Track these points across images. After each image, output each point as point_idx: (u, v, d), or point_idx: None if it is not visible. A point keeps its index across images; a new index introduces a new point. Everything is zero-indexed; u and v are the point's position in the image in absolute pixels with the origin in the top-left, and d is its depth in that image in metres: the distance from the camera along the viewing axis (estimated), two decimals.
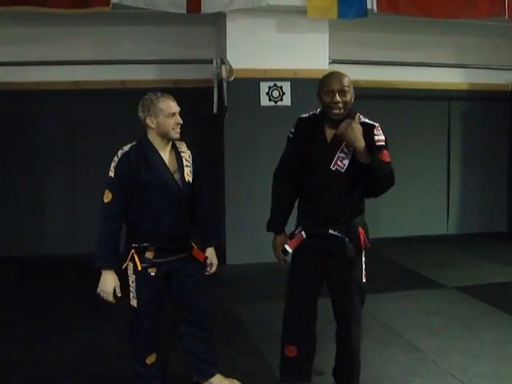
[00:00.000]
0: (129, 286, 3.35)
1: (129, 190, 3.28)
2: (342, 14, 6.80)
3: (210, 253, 3.63)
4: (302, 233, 3.43)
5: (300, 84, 6.90)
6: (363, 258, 3.43)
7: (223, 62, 6.84)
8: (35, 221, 7.60)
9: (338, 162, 3.26)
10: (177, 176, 3.37)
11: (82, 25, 7.18)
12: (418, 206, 8.59)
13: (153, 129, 3.33)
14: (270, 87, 6.98)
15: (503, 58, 8.51)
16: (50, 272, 6.88)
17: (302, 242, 3.43)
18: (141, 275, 3.32)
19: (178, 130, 3.35)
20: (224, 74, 6.83)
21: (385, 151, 3.27)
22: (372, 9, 6.82)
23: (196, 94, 7.22)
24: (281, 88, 7.00)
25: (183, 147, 3.50)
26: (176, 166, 3.40)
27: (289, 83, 7.02)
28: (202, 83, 7.11)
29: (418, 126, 8.52)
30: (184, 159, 3.45)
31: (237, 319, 5.17)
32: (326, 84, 3.26)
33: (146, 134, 3.39)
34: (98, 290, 3.31)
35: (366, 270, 3.44)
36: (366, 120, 3.34)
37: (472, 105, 8.79)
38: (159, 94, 3.41)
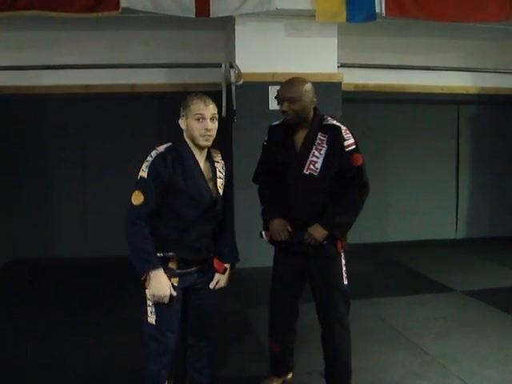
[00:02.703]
0: (144, 301, 3.10)
1: (161, 194, 3.02)
2: (350, 18, 6.80)
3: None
4: None
5: None
6: (343, 260, 3.49)
7: (232, 65, 6.86)
8: (46, 223, 7.64)
9: (311, 166, 3.35)
10: (211, 186, 3.15)
11: (92, 29, 7.23)
12: (426, 210, 8.57)
13: (185, 130, 3.11)
14: (278, 91, 6.98)
15: None
16: (61, 274, 6.90)
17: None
18: None
19: (208, 137, 3.06)
20: (233, 78, 6.85)
21: (355, 155, 3.35)
22: (381, 13, 6.82)
23: None
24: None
25: (218, 157, 3.27)
26: (210, 175, 3.18)
27: None
28: (210, 87, 7.12)
29: (427, 130, 8.50)
30: (218, 170, 3.22)
31: (245, 322, 5.19)
32: (278, 92, 3.45)
33: (182, 136, 3.14)
34: (151, 294, 3.02)
35: (346, 272, 3.49)
36: (334, 122, 3.41)
37: (481, 109, 8.78)
38: (198, 93, 3.12)
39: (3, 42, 7.19)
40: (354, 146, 3.34)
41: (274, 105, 6.91)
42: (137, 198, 3.00)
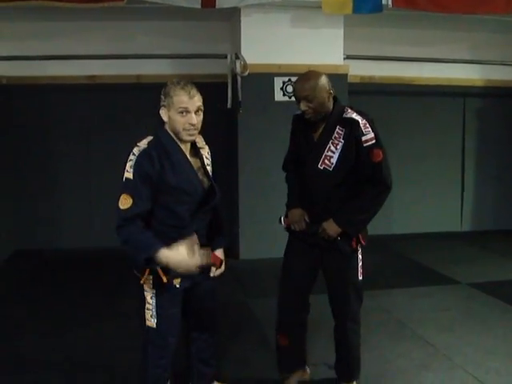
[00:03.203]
0: (143, 304, 2.95)
1: (152, 194, 2.80)
2: (357, 10, 6.77)
3: (220, 254, 3.16)
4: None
5: None
6: (359, 256, 3.42)
7: (237, 57, 6.85)
8: (50, 215, 7.65)
9: (326, 161, 3.27)
10: (201, 177, 2.96)
11: (97, 19, 7.21)
12: (432, 202, 8.56)
13: (167, 123, 2.88)
14: (284, 82, 6.98)
15: None
16: (64, 265, 6.92)
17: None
18: (163, 289, 2.89)
19: (193, 131, 2.85)
20: (238, 69, 6.84)
21: (375, 151, 3.24)
22: (387, 4, 6.78)
23: (210, 88, 7.16)
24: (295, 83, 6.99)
25: (201, 142, 3.09)
26: (199, 164, 3.00)
27: None
28: (216, 78, 7.11)
29: (433, 122, 8.49)
30: (204, 157, 3.04)
31: (250, 313, 5.20)
32: (294, 90, 3.38)
33: (163, 126, 2.92)
34: (175, 267, 2.75)
35: (362, 268, 3.42)
36: (354, 115, 3.29)
37: (487, 101, 8.74)
38: (182, 82, 2.87)
39: (8, 32, 7.18)
40: (373, 141, 3.22)
41: (279, 96, 6.98)
42: (124, 202, 2.77)
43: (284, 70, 6.93)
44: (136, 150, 2.84)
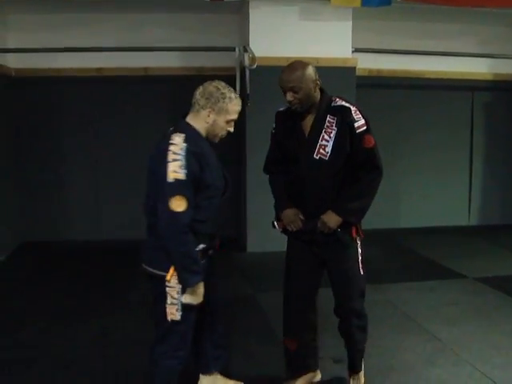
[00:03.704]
0: (163, 299, 2.95)
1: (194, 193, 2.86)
2: (365, 2, 6.74)
3: None
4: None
5: (322, 72, 6.73)
6: (359, 250, 3.36)
7: (246, 49, 6.83)
8: (58, 207, 7.69)
9: (321, 150, 3.22)
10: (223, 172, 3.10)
11: (106, 12, 7.22)
12: (439, 196, 8.55)
13: (206, 123, 2.95)
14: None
15: None
16: (72, 257, 6.97)
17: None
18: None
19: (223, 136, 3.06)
20: (246, 62, 6.83)
21: (367, 137, 3.20)
22: None
23: None
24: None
25: None
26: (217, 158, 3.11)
27: None
28: (224, 71, 7.10)
29: (441, 116, 8.46)
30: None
31: (257, 307, 5.21)
32: (279, 81, 3.31)
33: (189, 121, 2.98)
34: (187, 300, 2.89)
35: (363, 262, 3.36)
36: (343, 102, 3.27)
37: (496, 95, 8.71)
38: (233, 93, 2.99)
39: (17, 24, 7.21)
40: (364, 128, 3.19)
41: None
42: (179, 204, 2.76)
43: None
44: (178, 149, 2.79)
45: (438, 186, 8.54)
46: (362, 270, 3.36)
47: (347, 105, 3.24)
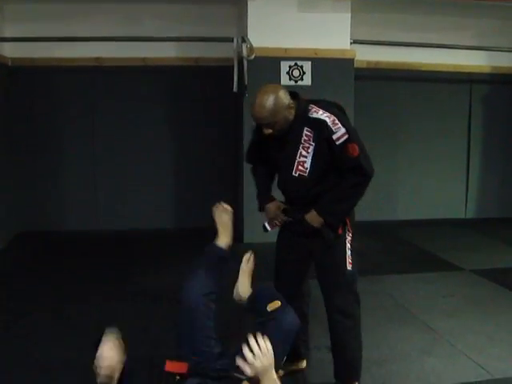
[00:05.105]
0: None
1: None
2: None
3: None
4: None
5: (321, 64, 6.86)
6: (347, 244, 3.28)
7: (244, 40, 6.82)
8: (56, 196, 7.68)
9: (300, 167, 3.17)
10: None
11: (104, 2, 7.22)
12: (436, 189, 8.56)
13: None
14: (290, 66, 6.96)
15: None
16: (70, 247, 6.97)
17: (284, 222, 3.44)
18: None
19: None
20: (244, 53, 6.81)
21: (350, 145, 3.05)
22: None
23: (216, 72, 7.22)
24: (301, 67, 6.96)
25: None
26: None
27: (309, 63, 6.96)
28: (222, 61, 7.10)
29: (439, 108, 8.47)
30: None
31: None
32: (252, 116, 3.24)
33: None
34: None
35: (352, 257, 3.28)
36: (319, 113, 3.11)
37: (494, 88, 8.71)
38: None
39: (14, 13, 7.18)
40: (345, 137, 3.03)
41: (285, 80, 6.96)
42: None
43: (290, 54, 6.91)
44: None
45: (436, 178, 8.56)
46: (349, 266, 3.26)
47: (322, 118, 3.08)
